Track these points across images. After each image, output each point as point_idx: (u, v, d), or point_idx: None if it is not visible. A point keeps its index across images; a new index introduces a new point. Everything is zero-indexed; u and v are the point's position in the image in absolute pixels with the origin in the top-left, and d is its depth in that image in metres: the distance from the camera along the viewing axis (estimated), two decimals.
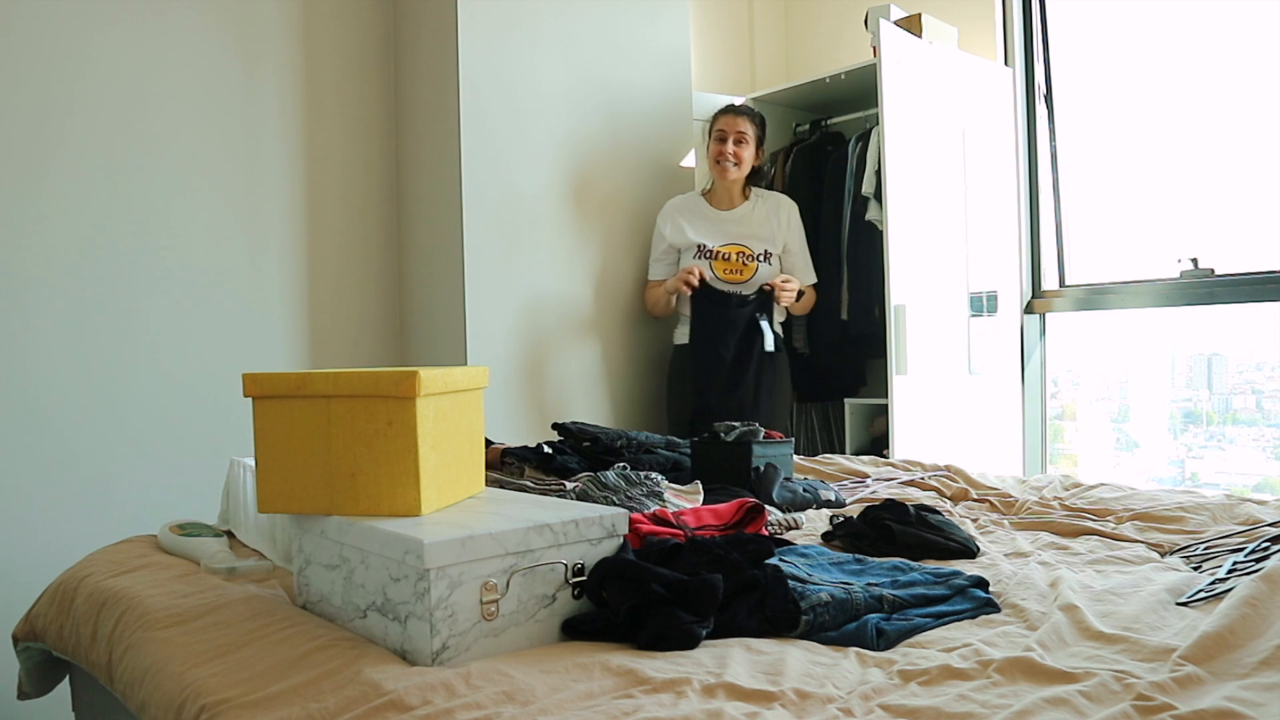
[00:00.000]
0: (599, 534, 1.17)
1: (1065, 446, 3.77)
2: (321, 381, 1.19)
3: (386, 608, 1.10)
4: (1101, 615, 1.16)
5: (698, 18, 3.76)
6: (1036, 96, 3.48)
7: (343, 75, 2.99)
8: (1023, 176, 3.48)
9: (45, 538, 2.39)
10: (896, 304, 2.95)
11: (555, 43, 3.04)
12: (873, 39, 3.04)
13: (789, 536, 1.63)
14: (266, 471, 1.23)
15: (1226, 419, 3.42)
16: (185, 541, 1.62)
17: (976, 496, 2.02)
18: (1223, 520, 1.68)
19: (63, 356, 2.48)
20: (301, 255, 2.90)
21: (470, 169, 2.83)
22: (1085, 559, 1.48)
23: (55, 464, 2.45)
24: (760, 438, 1.98)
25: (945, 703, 0.92)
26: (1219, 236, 3.09)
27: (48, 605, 1.61)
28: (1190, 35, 3.21)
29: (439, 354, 2.94)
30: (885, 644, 1.09)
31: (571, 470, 1.89)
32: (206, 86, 2.72)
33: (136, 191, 2.59)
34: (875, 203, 3.14)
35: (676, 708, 0.91)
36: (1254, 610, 1.07)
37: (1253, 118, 3.05)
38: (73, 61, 2.50)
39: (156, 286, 2.63)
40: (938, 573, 1.30)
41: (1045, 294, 3.48)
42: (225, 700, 1.01)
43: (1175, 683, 0.93)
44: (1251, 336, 3.35)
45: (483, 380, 1.36)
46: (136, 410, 2.57)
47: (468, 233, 2.83)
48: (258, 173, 2.81)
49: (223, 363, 2.71)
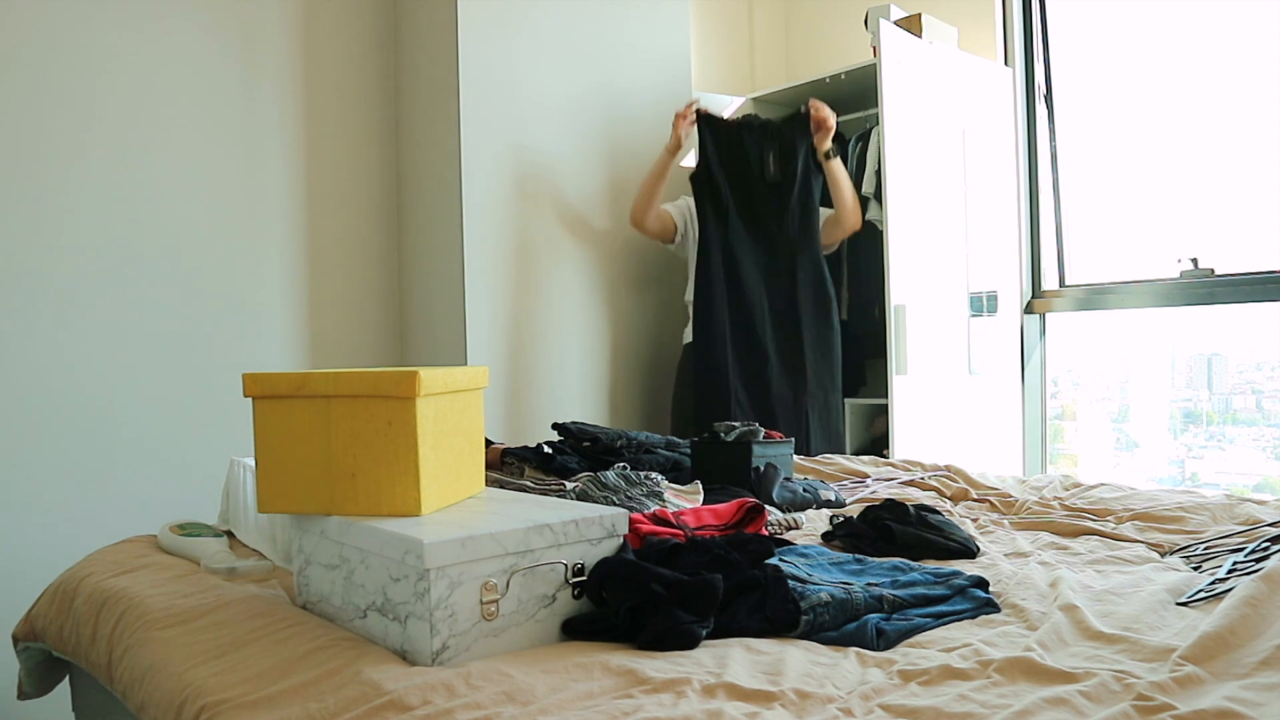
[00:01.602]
0: (599, 534, 1.17)
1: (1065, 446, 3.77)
2: (321, 381, 1.19)
3: (386, 608, 1.10)
4: (1101, 615, 1.16)
5: (697, 18, 3.75)
6: (1036, 96, 3.48)
7: (343, 75, 2.99)
8: (1023, 176, 3.48)
9: (45, 538, 2.39)
10: (896, 304, 2.95)
11: (555, 43, 3.04)
12: (873, 39, 3.04)
13: (789, 536, 1.63)
14: (266, 471, 1.23)
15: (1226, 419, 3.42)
16: (185, 541, 1.62)
17: (976, 496, 2.02)
18: (1223, 520, 1.68)
19: (62, 356, 2.47)
20: (301, 255, 2.90)
21: (470, 169, 2.83)
22: (1085, 559, 1.48)
23: (55, 464, 2.45)
24: (760, 438, 1.98)
25: (945, 703, 0.92)
26: (1219, 236, 3.09)
27: (48, 605, 1.61)
28: (1190, 35, 3.21)
29: (439, 354, 2.94)
30: (885, 644, 1.09)
31: (571, 470, 1.89)
32: (206, 86, 2.72)
33: (136, 191, 2.59)
34: (875, 203, 3.14)
35: (676, 708, 0.91)
36: (1254, 610, 1.07)
37: (1253, 118, 3.05)
38: (72, 61, 2.50)
39: (157, 286, 2.62)
40: (938, 573, 1.30)
41: (1045, 294, 3.48)
42: (225, 700, 1.00)
43: (1175, 683, 0.93)
44: (1251, 336, 3.35)
45: (483, 380, 1.36)
46: (136, 410, 2.57)
47: (467, 233, 2.83)
48: (258, 172, 2.81)
49: (223, 363, 2.71)
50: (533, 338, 2.98)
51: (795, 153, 3.00)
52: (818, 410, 3.00)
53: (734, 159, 3.04)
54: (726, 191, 3.01)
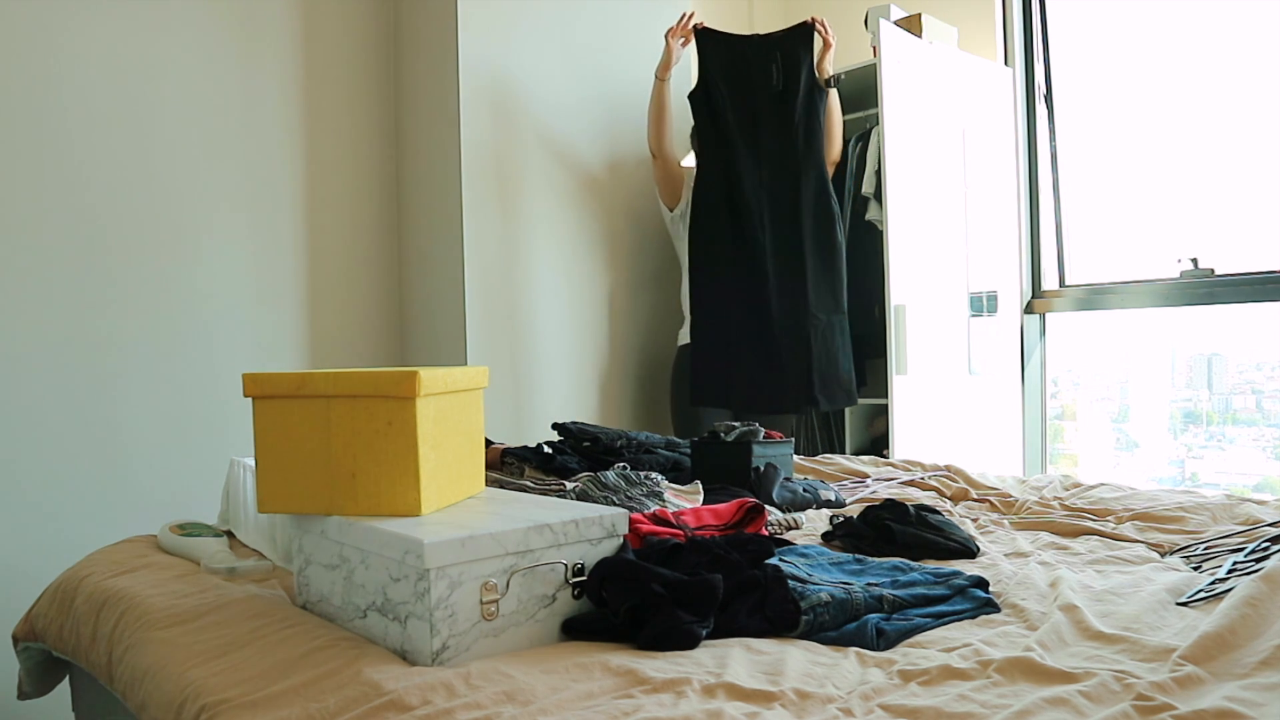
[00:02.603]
0: (599, 534, 1.17)
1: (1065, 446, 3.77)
2: (321, 381, 1.19)
3: (386, 608, 1.10)
4: (1101, 615, 1.16)
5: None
6: (1036, 96, 3.48)
7: (343, 75, 2.99)
8: (1023, 176, 3.48)
9: (45, 538, 2.39)
10: (896, 304, 2.95)
11: (555, 43, 3.04)
12: (873, 39, 3.04)
13: (789, 536, 1.63)
14: (266, 471, 1.23)
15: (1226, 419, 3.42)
16: (185, 541, 1.62)
17: (976, 496, 2.02)
18: (1223, 520, 1.68)
19: (62, 356, 2.47)
20: (301, 255, 2.90)
21: (470, 169, 2.83)
22: (1085, 559, 1.48)
23: (55, 464, 2.45)
24: (760, 437, 1.98)
25: (945, 703, 0.92)
26: (1219, 236, 3.09)
27: (48, 605, 1.61)
28: (1190, 35, 3.21)
29: (439, 354, 2.94)
30: (885, 644, 1.09)
31: (571, 470, 1.89)
32: (206, 86, 2.71)
33: (136, 191, 2.59)
34: (875, 203, 3.14)
35: (676, 708, 0.91)
36: (1254, 610, 1.07)
37: (1252, 118, 3.05)
38: (72, 61, 2.50)
39: (156, 286, 2.62)
40: (938, 573, 1.30)
41: (1045, 294, 3.48)
42: (225, 700, 1.00)
43: (1175, 683, 0.93)
44: (1251, 336, 3.35)
45: (483, 380, 1.36)
46: (137, 410, 2.57)
47: (468, 232, 2.83)
48: (258, 172, 2.81)
49: (223, 363, 2.71)
50: (533, 338, 2.98)
51: (799, 64, 2.94)
52: (820, 332, 2.91)
53: (736, 73, 2.96)
54: (727, 108, 2.95)
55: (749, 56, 2.97)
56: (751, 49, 2.98)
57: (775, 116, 2.96)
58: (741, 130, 2.97)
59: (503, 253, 2.92)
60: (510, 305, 2.93)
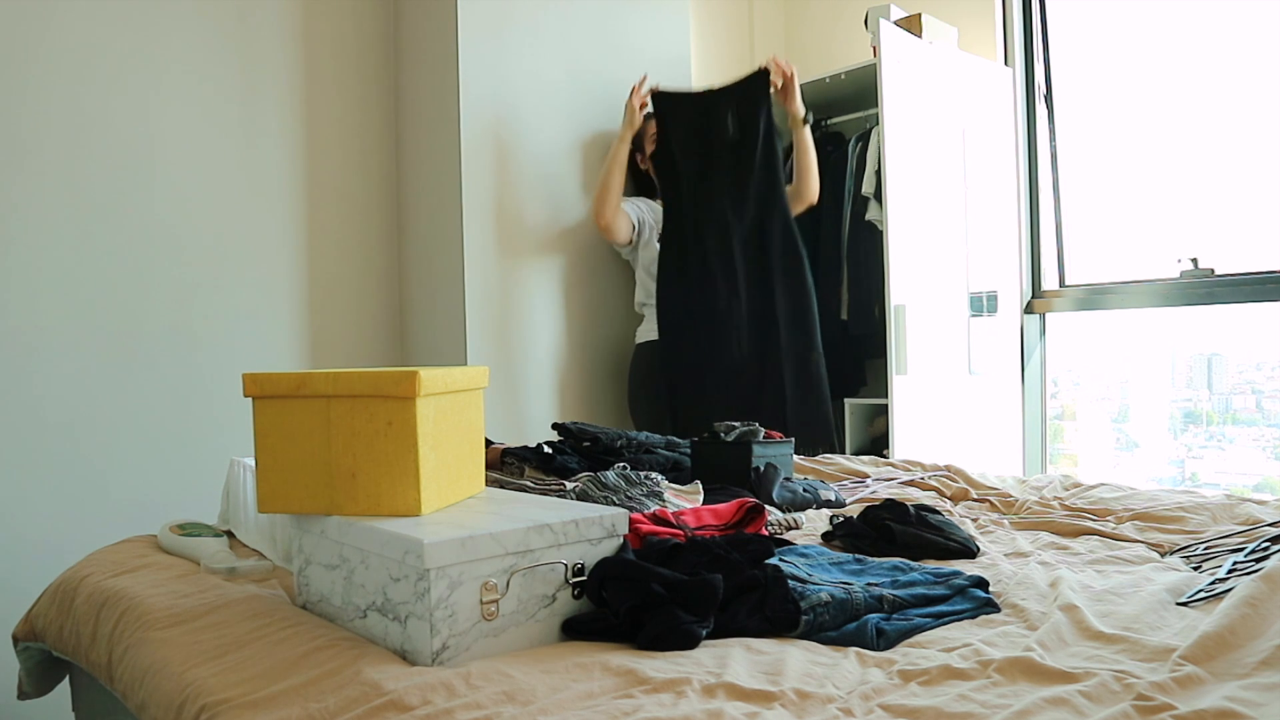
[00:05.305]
0: (599, 534, 1.17)
1: (1065, 446, 3.77)
2: (321, 381, 1.19)
3: (386, 608, 1.10)
4: (1101, 615, 1.16)
5: (698, 18, 3.75)
6: (1036, 96, 3.48)
7: (343, 75, 2.99)
8: (1023, 176, 3.48)
9: (45, 538, 2.39)
10: (896, 304, 2.95)
11: (555, 43, 3.04)
12: (873, 39, 3.04)
13: (789, 536, 1.62)
14: (266, 471, 1.23)
15: (1226, 419, 3.42)
16: (185, 541, 1.62)
17: (976, 496, 2.02)
18: (1223, 520, 1.68)
19: (62, 356, 2.47)
20: (301, 255, 2.90)
21: (470, 169, 2.83)
22: (1085, 559, 1.48)
23: (55, 464, 2.45)
24: (760, 437, 1.98)
25: (945, 703, 0.92)
26: (1219, 236, 3.09)
27: (48, 605, 1.61)
28: (1190, 35, 3.21)
29: (439, 354, 2.94)
30: (885, 644, 1.09)
31: (571, 470, 1.89)
32: (206, 86, 2.71)
33: (136, 190, 2.59)
34: (875, 203, 3.14)
35: (676, 708, 0.91)
36: (1254, 610, 1.07)
37: (1252, 118, 3.05)
38: (72, 62, 2.50)
39: (156, 286, 2.62)
40: (938, 573, 1.30)
41: (1045, 294, 3.48)
42: (225, 700, 1.00)
43: (1175, 683, 0.93)
44: (1251, 336, 3.35)
45: (483, 380, 1.36)
46: (137, 410, 2.57)
47: (468, 232, 2.83)
48: (258, 172, 2.81)
49: (223, 363, 2.71)
50: (533, 338, 2.98)
51: (756, 111, 2.92)
52: (791, 368, 2.87)
53: (692, 128, 2.95)
54: (683, 164, 2.93)
55: (706, 109, 2.95)
56: (708, 102, 2.96)
57: (734, 167, 2.92)
58: (700, 182, 2.94)
59: (503, 252, 2.91)
60: (511, 305, 2.93)
